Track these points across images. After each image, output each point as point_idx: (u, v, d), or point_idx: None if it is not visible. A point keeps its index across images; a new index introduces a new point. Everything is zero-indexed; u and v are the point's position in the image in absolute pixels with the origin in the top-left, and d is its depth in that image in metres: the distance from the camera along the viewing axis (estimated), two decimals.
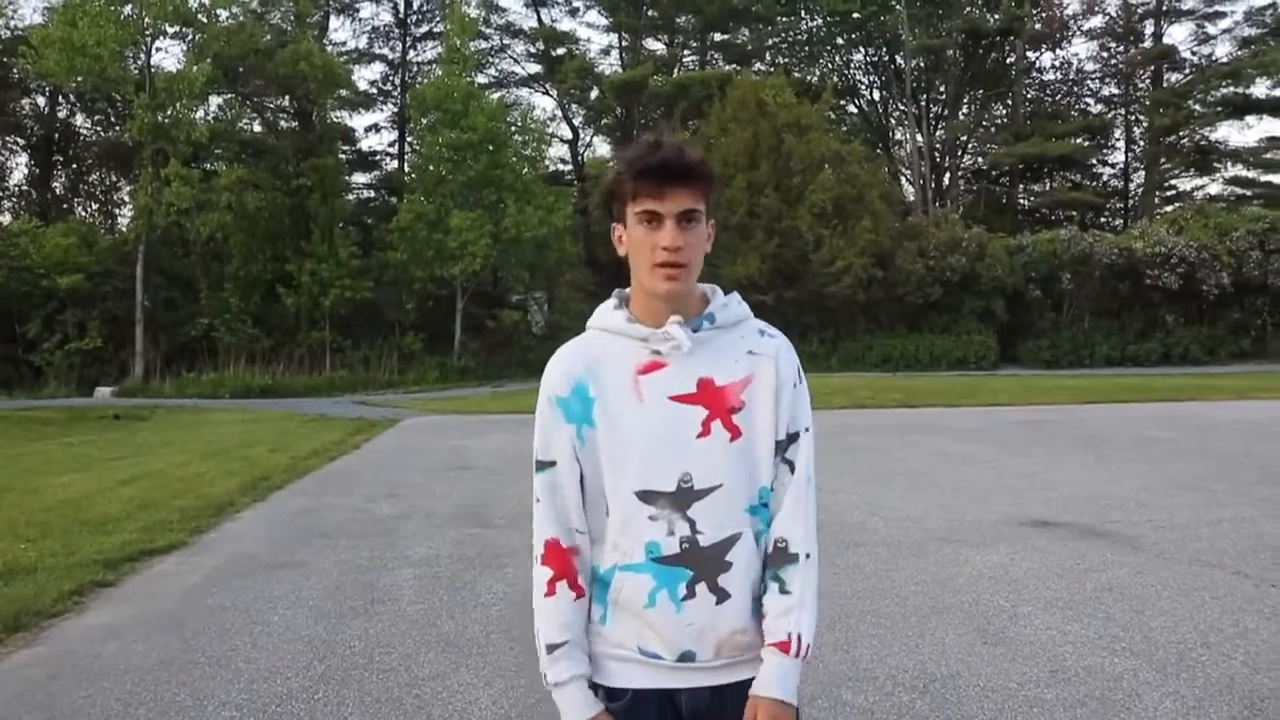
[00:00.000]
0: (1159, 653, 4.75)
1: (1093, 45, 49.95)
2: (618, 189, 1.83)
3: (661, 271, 1.79)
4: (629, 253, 1.85)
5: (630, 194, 1.80)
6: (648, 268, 1.80)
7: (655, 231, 1.78)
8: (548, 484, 1.87)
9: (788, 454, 1.89)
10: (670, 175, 1.77)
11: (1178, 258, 32.11)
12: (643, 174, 1.78)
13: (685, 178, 1.78)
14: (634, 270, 1.85)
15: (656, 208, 1.78)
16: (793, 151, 32.97)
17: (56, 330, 28.32)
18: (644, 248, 1.80)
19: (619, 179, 1.83)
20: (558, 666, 1.83)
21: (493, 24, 43.16)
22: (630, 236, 1.83)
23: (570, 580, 1.85)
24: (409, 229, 30.50)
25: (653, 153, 1.79)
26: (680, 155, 1.79)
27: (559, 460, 1.86)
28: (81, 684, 4.59)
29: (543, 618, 1.87)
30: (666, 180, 1.77)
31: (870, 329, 33.58)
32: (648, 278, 1.81)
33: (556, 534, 1.86)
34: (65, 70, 27.56)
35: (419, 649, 5.02)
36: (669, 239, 1.77)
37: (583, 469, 1.85)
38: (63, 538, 7.71)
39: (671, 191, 1.78)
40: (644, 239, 1.79)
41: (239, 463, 12.35)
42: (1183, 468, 10.73)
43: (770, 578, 1.87)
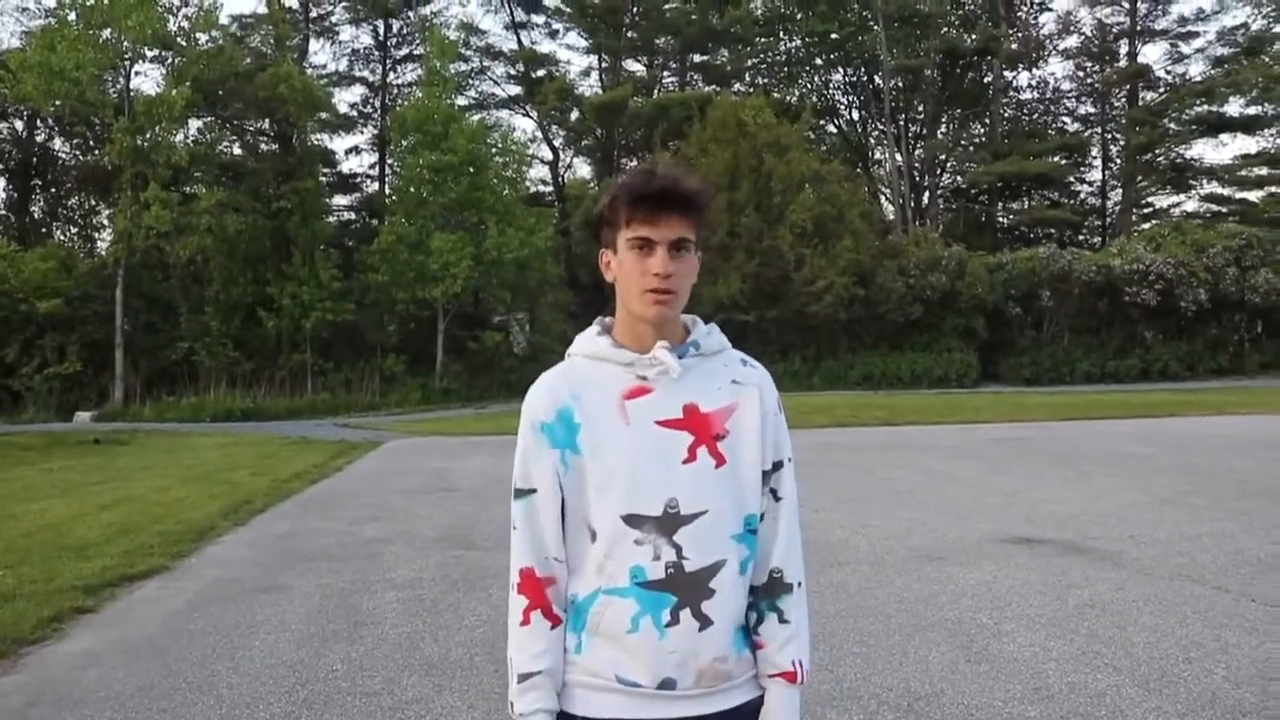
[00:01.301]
0: (1141, 668, 4.77)
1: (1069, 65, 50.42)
2: (611, 215, 1.83)
3: (651, 297, 1.79)
4: (617, 279, 1.85)
5: (624, 220, 1.80)
6: (637, 293, 1.80)
7: (647, 258, 1.79)
8: (526, 512, 1.86)
9: (772, 483, 1.90)
10: (666, 203, 1.78)
11: (1155, 274, 32.37)
12: (639, 200, 1.78)
13: (680, 206, 1.79)
14: (622, 296, 1.85)
15: (650, 234, 1.78)
16: (773, 171, 33.10)
17: (35, 355, 28.14)
18: (634, 274, 1.80)
19: (613, 204, 1.82)
20: (526, 698, 1.81)
21: (473, 46, 43.24)
22: (621, 263, 1.83)
23: (545, 610, 1.84)
24: (390, 251, 30.47)
25: (649, 180, 1.80)
26: (676, 184, 1.79)
27: (539, 488, 1.85)
28: (61, 711, 4.55)
29: (516, 646, 1.85)
30: (662, 208, 1.78)
31: (852, 347, 33.66)
32: (637, 303, 1.81)
33: (532, 563, 1.85)
34: (43, 94, 27.50)
35: (402, 672, 5.00)
36: (660, 266, 1.78)
37: (565, 496, 1.84)
38: (42, 564, 7.64)
39: (666, 219, 1.78)
40: (635, 265, 1.80)
41: (220, 486, 12.29)
42: (1163, 483, 10.79)
43: (767, 608, 1.88)
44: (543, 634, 1.84)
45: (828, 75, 49.28)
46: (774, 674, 1.86)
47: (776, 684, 1.86)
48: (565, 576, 1.86)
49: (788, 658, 1.86)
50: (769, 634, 1.88)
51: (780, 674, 1.86)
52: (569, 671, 1.84)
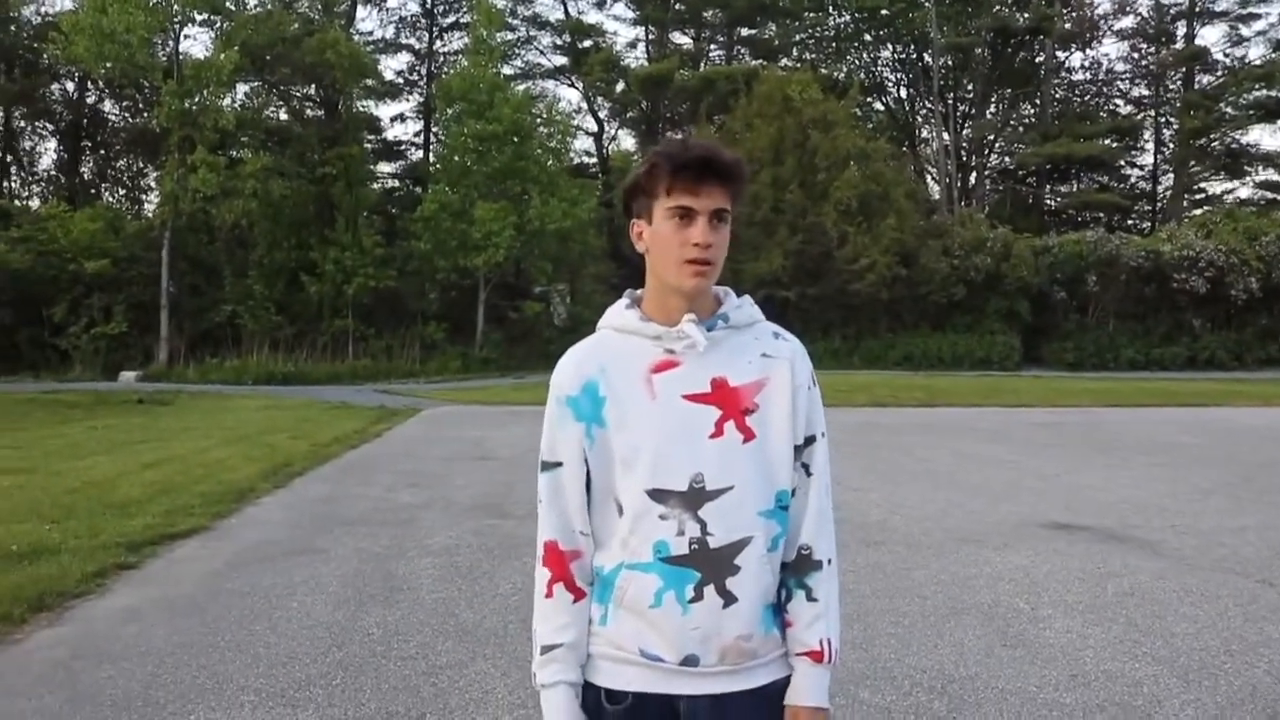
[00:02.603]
0: (1181, 659, 4.71)
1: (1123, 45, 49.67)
2: (649, 184, 1.80)
3: (690, 268, 1.77)
4: (651, 249, 1.82)
5: (665, 189, 1.77)
6: (675, 264, 1.78)
7: (687, 228, 1.76)
8: (551, 485, 1.86)
9: (804, 458, 1.88)
10: (709, 172, 1.76)
11: (1206, 261, 31.86)
12: (682, 169, 1.75)
13: (722, 176, 1.77)
14: (656, 267, 1.83)
15: (691, 204, 1.76)
16: (818, 148, 32.85)
17: (83, 314, 28.55)
18: (673, 244, 1.77)
19: (652, 172, 1.79)
20: (548, 669, 1.82)
21: (519, 15, 43.19)
22: (657, 232, 1.80)
23: (568, 583, 1.84)
24: (433, 219, 30.56)
25: (690, 149, 1.77)
26: (718, 154, 1.77)
27: (564, 461, 1.85)
28: (103, 665, 4.63)
29: (540, 618, 1.86)
30: (705, 177, 1.75)
31: (893, 327, 33.46)
32: (674, 274, 1.79)
33: (556, 536, 1.85)
34: (95, 57, 27.75)
35: (437, 637, 5.04)
36: (701, 235, 1.75)
37: (591, 470, 1.84)
38: (86, 520, 7.77)
39: (707, 189, 1.76)
40: (673, 235, 1.77)
41: (260, 449, 12.42)
42: (1207, 474, 10.64)
43: (795, 585, 1.86)
44: (565, 607, 1.84)
45: (876, 52, 48.75)
46: (801, 652, 1.84)
47: (803, 662, 1.84)
48: (591, 550, 1.86)
49: (815, 636, 1.84)
50: (797, 612, 1.85)
51: (807, 652, 1.84)
52: (593, 643, 1.84)
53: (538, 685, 1.83)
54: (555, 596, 1.85)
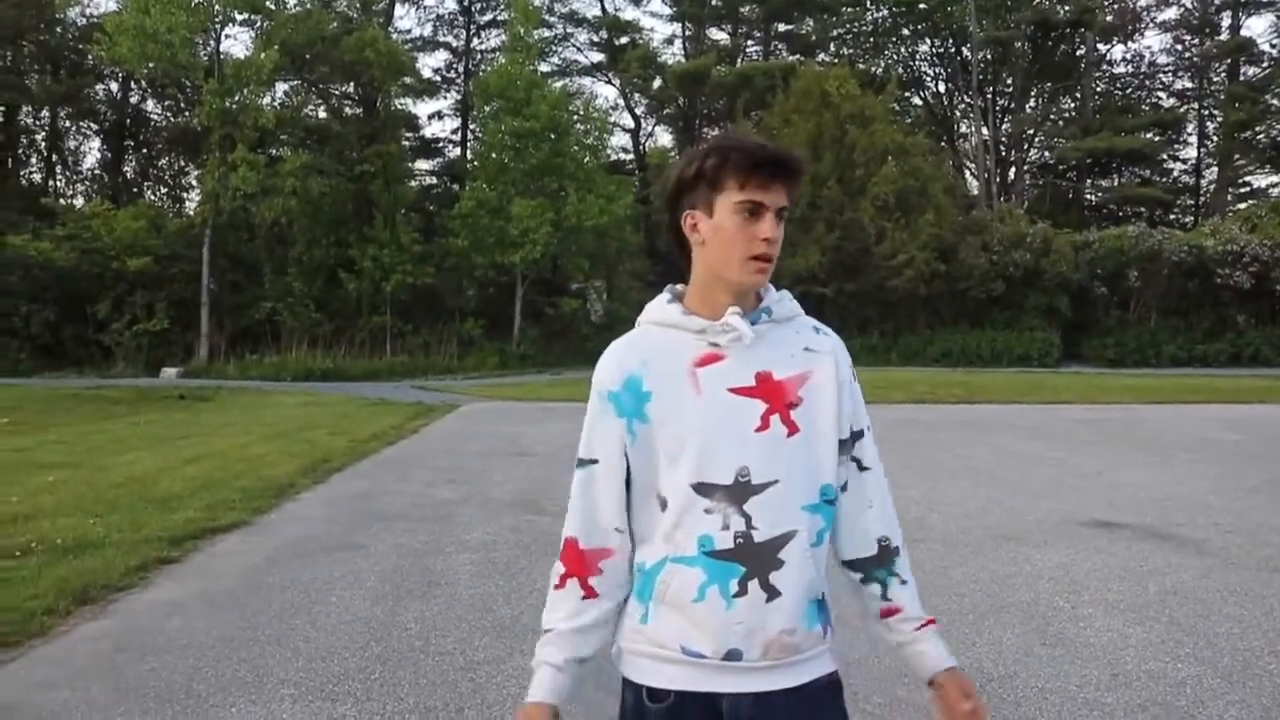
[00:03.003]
0: (1224, 660, 4.65)
1: (1166, 37, 48.91)
2: (715, 177, 1.79)
3: (755, 264, 1.78)
4: (711, 242, 1.81)
5: (738, 183, 1.77)
6: (741, 259, 1.78)
7: (755, 223, 1.77)
8: (583, 481, 1.89)
9: (855, 453, 1.90)
10: (780, 169, 1.78)
11: (1250, 256, 31.38)
12: (757, 165, 1.76)
13: (790, 174, 1.80)
14: (715, 261, 1.82)
15: (763, 199, 1.77)
16: (856, 143, 32.70)
17: (125, 311, 28.90)
18: (739, 239, 1.77)
19: (722, 166, 1.79)
20: (541, 651, 1.87)
21: (556, 12, 43.30)
22: (720, 226, 1.79)
23: (581, 580, 1.86)
24: (470, 216, 30.69)
25: (762, 145, 1.79)
26: (789, 153, 1.81)
27: (600, 458, 1.86)
28: (146, 657, 4.69)
29: (548, 608, 1.90)
30: (777, 174, 1.78)
31: (931, 324, 33.24)
32: (737, 269, 1.79)
33: (577, 534, 1.88)
34: (138, 57, 28.06)
35: (474, 633, 5.06)
36: (770, 231, 1.77)
37: (631, 466, 1.84)
38: (129, 514, 7.86)
39: (776, 186, 1.78)
40: (741, 229, 1.77)
41: (300, 445, 12.52)
42: (1252, 471, 10.49)
43: (886, 574, 1.92)
44: (574, 599, 1.86)
45: (914, 46, 48.38)
46: (919, 625, 1.91)
47: (926, 633, 1.91)
48: (626, 548, 1.87)
49: (920, 609, 1.93)
50: (898, 596, 1.92)
51: (925, 623, 1.91)
52: (637, 642, 1.84)
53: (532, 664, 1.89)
54: (566, 588, 1.88)
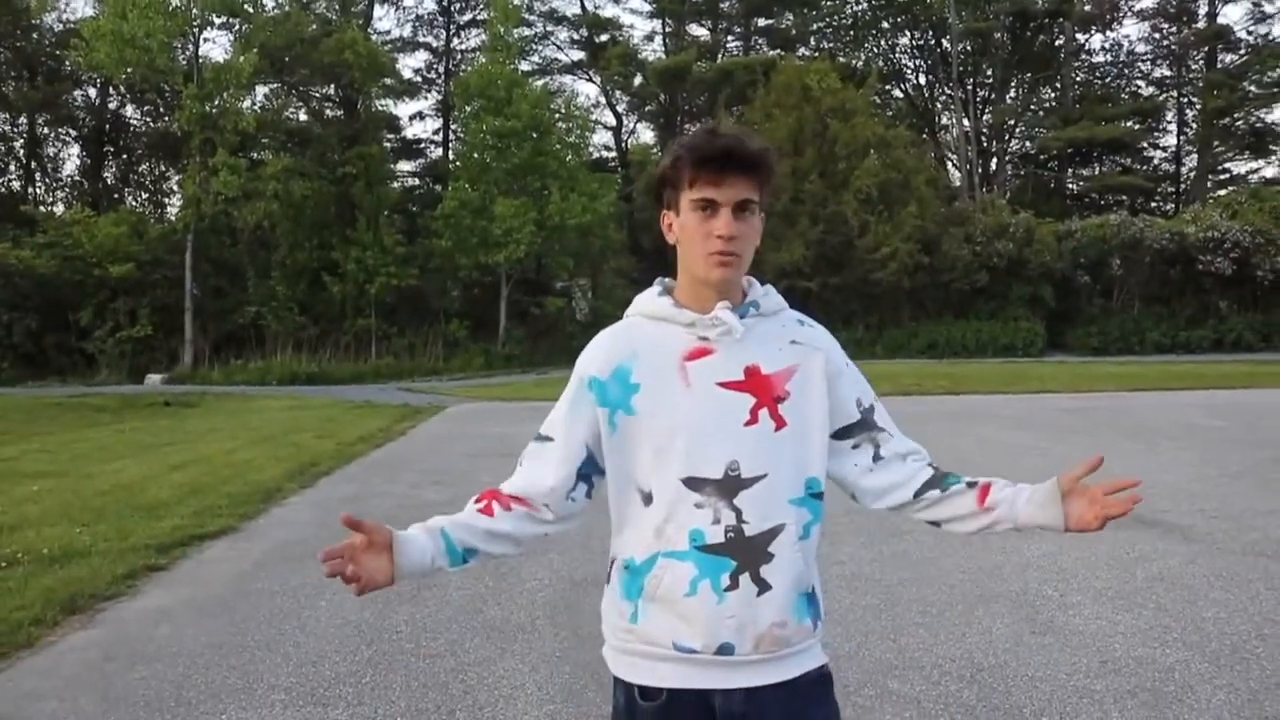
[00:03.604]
0: (1212, 644, 4.67)
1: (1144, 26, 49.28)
2: (674, 175, 1.81)
3: (715, 259, 1.77)
4: (680, 241, 1.83)
5: (688, 181, 1.77)
6: (701, 256, 1.78)
7: (710, 220, 1.76)
8: (532, 453, 1.94)
9: (878, 420, 1.94)
10: (731, 164, 1.75)
11: (1231, 242, 31.54)
12: (704, 161, 1.75)
13: (746, 167, 1.77)
14: (684, 258, 1.83)
15: (714, 196, 1.76)
16: (837, 137, 32.75)
17: (108, 318, 28.78)
18: (698, 236, 1.78)
19: (676, 165, 1.80)
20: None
21: (536, 11, 43.21)
22: (683, 224, 1.80)
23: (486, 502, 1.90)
24: (454, 216, 30.64)
25: (713, 140, 1.77)
26: (742, 144, 1.77)
27: (557, 438, 1.89)
28: (135, 666, 4.67)
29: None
30: (727, 169, 1.75)
31: (916, 316, 33.32)
32: (700, 266, 1.79)
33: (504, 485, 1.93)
34: (116, 62, 27.92)
35: (465, 634, 5.06)
36: (724, 228, 1.75)
37: (606, 457, 1.85)
38: (116, 522, 7.83)
39: (731, 180, 1.76)
40: (698, 227, 1.77)
41: (286, 449, 12.49)
42: (1236, 457, 10.55)
43: (954, 476, 1.94)
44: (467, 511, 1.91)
45: (894, 39, 48.48)
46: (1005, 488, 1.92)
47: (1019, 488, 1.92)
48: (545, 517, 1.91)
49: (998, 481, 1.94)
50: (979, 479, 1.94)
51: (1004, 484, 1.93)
52: (626, 640, 1.84)
53: None
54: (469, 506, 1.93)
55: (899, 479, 1.91)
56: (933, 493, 1.91)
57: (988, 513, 1.89)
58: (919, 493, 1.91)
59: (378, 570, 1.81)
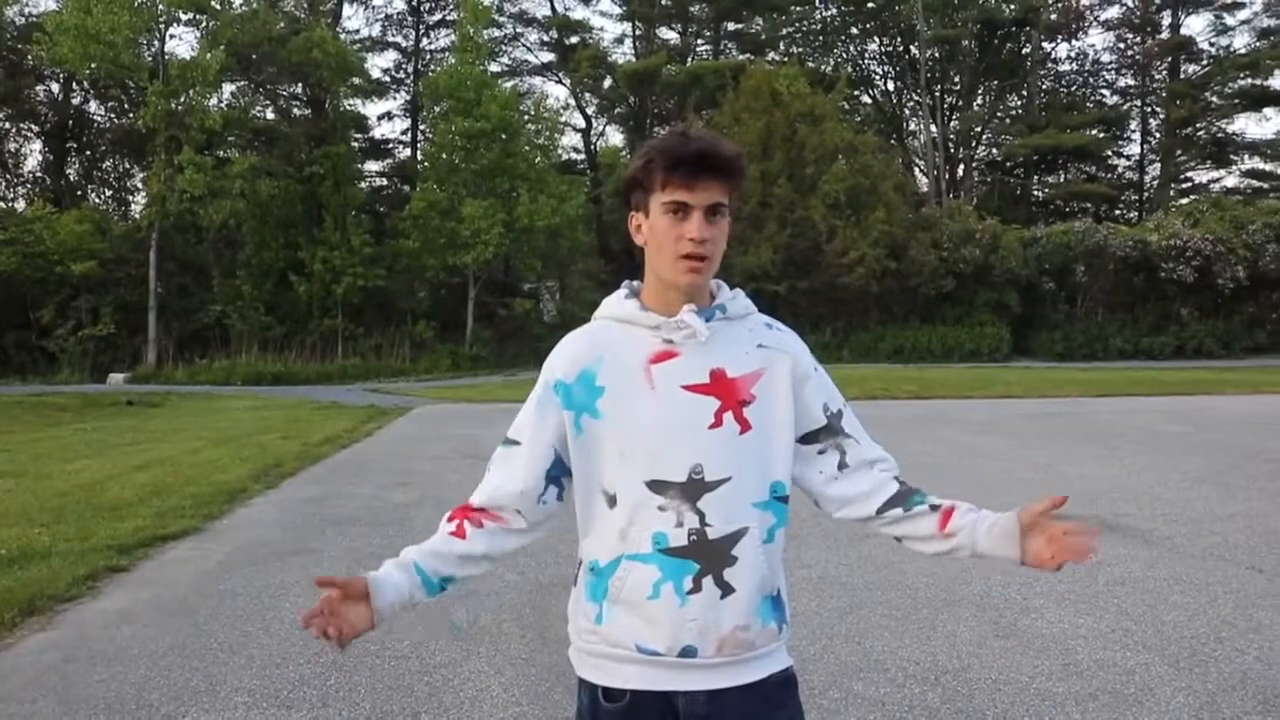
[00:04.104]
0: (1172, 647, 4.73)
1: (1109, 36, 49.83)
2: (644, 177, 1.80)
3: (685, 263, 1.77)
4: (648, 243, 1.82)
5: (660, 183, 1.77)
6: (671, 259, 1.78)
7: (682, 223, 1.76)
8: (501, 458, 1.92)
9: (844, 426, 1.93)
10: (705, 167, 1.75)
11: (1193, 251, 31.97)
12: (677, 164, 1.75)
13: (718, 171, 1.76)
14: (653, 261, 1.82)
15: (686, 199, 1.75)
16: (806, 142, 32.91)
17: (70, 317, 28.48)
18: (669, 239, 1.77)
19: (647, 167, 1.79)
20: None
21: (506, 12, 43.17)
22: (653, 227, 1.80)
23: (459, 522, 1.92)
24: (421, 217, 30.55)
25: (686, 143, 1.76)
26: (715, 147, 1.77)
27: (524, 442, 1.88)
28: (96, 668, 4.61)
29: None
30: (700, 172, 1.75)
31: (883, 320, 33.55)
32: (670, 269, 1.79)
33: (474, 499, 1.93)
34: (79, 57, 27.66)
35: (430, 637, 5.03)
36: (696, 231, 1.75)
37: (574, 461, 1.84)
38: (77, 523, 7.74)
39: (703, 183, 1.75)
40: (669, 230, 1.77)
41: (251, 450, 12.39)
42: (1196, 462, 10.68)
43: (920, 496, 1.95)
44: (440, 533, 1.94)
45: (863, 45, 48.82)
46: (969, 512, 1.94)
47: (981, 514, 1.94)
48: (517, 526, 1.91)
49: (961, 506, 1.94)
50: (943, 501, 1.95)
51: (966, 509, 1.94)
52: (589, 641, 1.84)
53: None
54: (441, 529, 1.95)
55: (864, 489, 1.92)
56: (895, 511, 1.92)
57: (948, 538, 1.90)
58: (881, 509, 1.92)
59: (358, 619, 1.82)
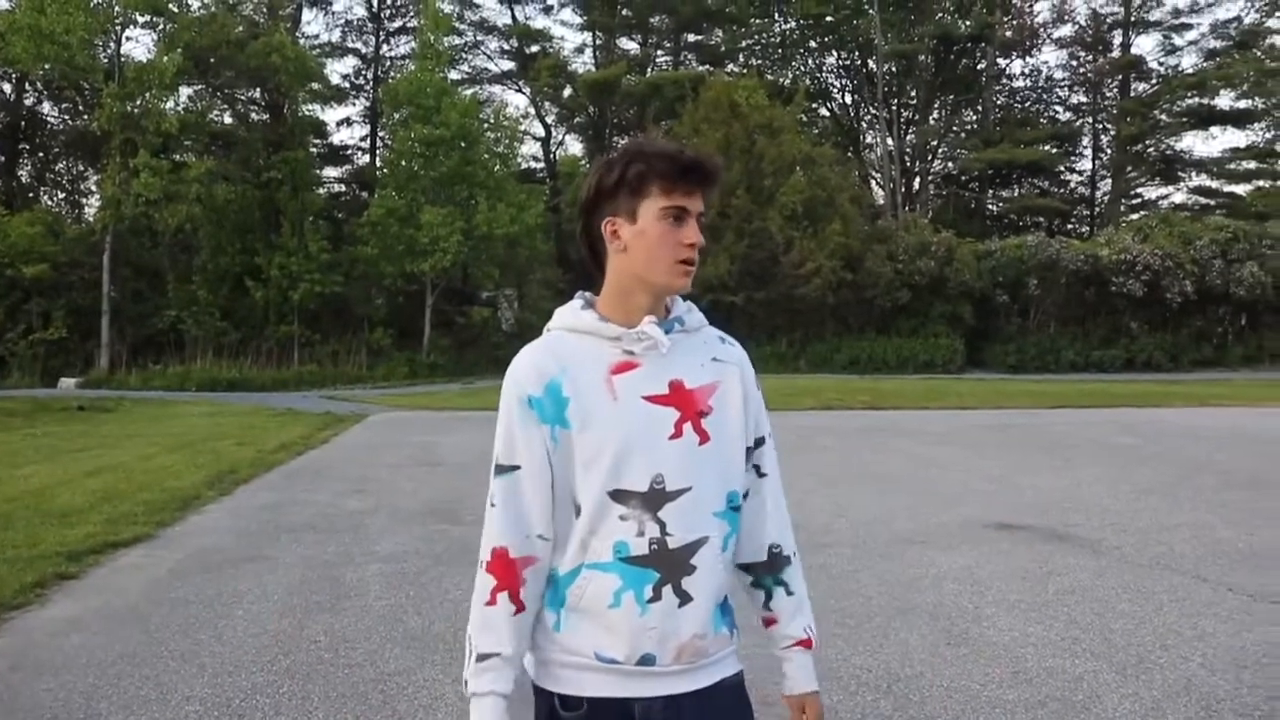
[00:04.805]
0: (1119, 654, 4.81)
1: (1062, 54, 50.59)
2: (638, 183, 1.80)
3: (682, 268, 1.81)
4: (634, 248, 1.82)
5: (661, 190, 1.79)
6: (668, 264, 1.80)
7: (680, 229, 1.80)
8: (507, 488, 1.83)
9: (755, 460, 1.92)
10: (704, 176, 1.82)
11: (1142, 265, 32.49)
12: (683, 172, 1.79)
13: (711, 180, 1.83)
14: (638, 267, 1.82)
15: (686, 204, 1.80)
16: (764, 153, 33.07)
17: (20, 320, 28.06)
18: (666, 244, 1.79)
19: (644, 173, 1.80)
20: (483, 679, 1.78)
21: (466, 20, 43.06)
22: (644, 232, 1.80)
23: (512, 593, 1.81)
24: (380, 224, 30.40)
25: (683, 151, 1.82)
26: (710, 157, 1.84)
27: (523, 464, 1.82)
28: (43, 677, 4.56)
29: (478, 625, 1.83)
30: (701, 180, 1.81)
31: (839, 331, 33.75)
32: (666, 274, 1.81)
33: (506, 543, 1.82)
34: (32, 57, 27.28)
35: (385, 644, 5.01)
36: (695, 236, 1.81)
37: (554, 472, 1.82)
38: (25, 529, 7.63)
39: (701, 192, 1.82)
40: (667, 235, 1.79)
41: (205, 456, 12.27)
42: (1145, 473, 10.85)
43: (773, 583, 1.95)
44: (506, 617, 1.80)
45: (821, 58, 49.18)
46: (790, 644, 1.92)
47: (795, 653, 1.92)
48: (548, 555, 1.83)
49: (799, 626, 1.94)
50: (779, 608, 1.94)
51: (797, 643, 1.93)
52: (550, 650, 1.83)
53: (468, 693, 1.79)
54: (498, 605, 1.81)
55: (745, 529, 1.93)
56: (746, 576, 1.98)
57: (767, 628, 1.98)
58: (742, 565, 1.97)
59: None
